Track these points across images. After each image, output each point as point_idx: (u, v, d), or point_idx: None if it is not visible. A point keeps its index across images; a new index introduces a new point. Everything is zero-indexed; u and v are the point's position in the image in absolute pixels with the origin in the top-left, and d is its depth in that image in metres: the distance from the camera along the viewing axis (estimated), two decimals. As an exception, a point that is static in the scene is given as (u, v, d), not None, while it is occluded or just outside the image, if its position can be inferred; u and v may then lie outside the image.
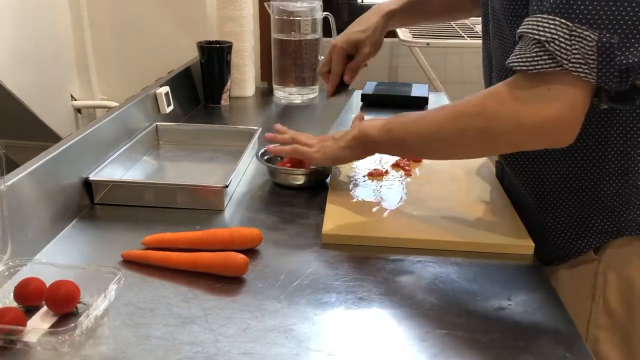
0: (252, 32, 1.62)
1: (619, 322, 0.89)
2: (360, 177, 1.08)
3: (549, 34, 0.70)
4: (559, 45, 0.70)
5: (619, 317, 0.89)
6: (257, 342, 0.67)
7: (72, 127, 1.68)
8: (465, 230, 0.90)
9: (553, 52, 0.70)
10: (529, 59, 0.73)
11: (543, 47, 0.71)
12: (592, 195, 0.87)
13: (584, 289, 0.90)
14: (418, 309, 0.74)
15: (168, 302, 0.74)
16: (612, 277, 0.88)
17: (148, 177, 1.13)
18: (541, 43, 0.71)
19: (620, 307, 0.88)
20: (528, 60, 0.73)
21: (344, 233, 0.89)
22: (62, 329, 0.65)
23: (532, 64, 0.72)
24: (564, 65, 0.70)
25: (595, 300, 0.89)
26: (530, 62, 0.72)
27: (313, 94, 1.64)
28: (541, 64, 0.72)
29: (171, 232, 0.86)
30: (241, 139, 1.21)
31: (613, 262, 0.88)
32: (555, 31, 0.70)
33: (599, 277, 0.89)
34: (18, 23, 1.44)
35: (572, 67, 0.70)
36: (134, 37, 1.69)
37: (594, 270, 0.89)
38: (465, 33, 2.07)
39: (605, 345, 0.90)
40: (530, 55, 0.72)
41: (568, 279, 0.92)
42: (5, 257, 0.76)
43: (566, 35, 0.69)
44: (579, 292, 0.90)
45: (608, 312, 0.89)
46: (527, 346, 0.67)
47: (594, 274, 0.89)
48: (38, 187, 0.87)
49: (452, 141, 0.83)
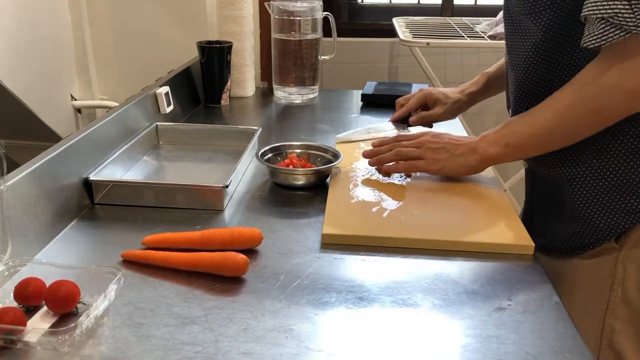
0: (252, 32, 1.62)
1: (637, 312, 0.90)
2: (360, 177, 1.08)
3: (610, 9, 0.77)
4: (622, 16, 0.77)
5: (637, 308, 0.89)
6: (257, 342, 0.67)
7: (72, 127, 1.68)
8: (465, 230, 0.90)
9: (619, 24, 0.77)
10: (598, 35, 0.80)
11: (607, 22, 0.78)
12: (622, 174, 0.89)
13: (604, 278, 0.91)
14: (418, 309, 0.74)
15: (168, 302, 0.74)
16: (632, 267, 0.89)
17: (148, 177, 1.13)
18: (605, 19, 0.78)
19: (639, 298, 0.89)
20: (597, 36, 0.80)
21: (344, 233, 0.89)
22: (62, 329, 0.65)
23: (602, 39, 0.79)
24: (632, 31, 0.77)
25: (614, 289, 0.90)
26: (601, 38, 0.79)
27: (313, 94, 1.64)
28: (611, 36, 0.78)
29: (171, 232, 0.86)
30: (241, 139, 1.21)
31: (633, 252, 0.89)
32: (615, 5, 0.77)
33: (619, 266, 0.89)
34: (18, 23, 1.44)
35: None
36: (134, 37, 1.69)
37: (615, 259, 0.90)
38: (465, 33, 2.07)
39: (621, 335, 0.90)
40: (598, 32, 0.79)
41: (588, 268, 0.93)
42: (5, 257, 0.76)
43: (626, 6, 0.76)
44: (598, 281, 0.91)
45: (626, 302, 0.90)
46: (527, 346, 0.67)
47: (614, 263, 0.90)
48: (38, 187, 0.86)
49: (568, 132, 0.89)
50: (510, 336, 0.69)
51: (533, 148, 0.94)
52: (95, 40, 1.70)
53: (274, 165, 1.09)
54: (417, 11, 2.48)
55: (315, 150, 1.15)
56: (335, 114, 1.53)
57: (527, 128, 0.92)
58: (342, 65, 2.29)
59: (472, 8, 2.59)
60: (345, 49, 2.26)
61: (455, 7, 2.52)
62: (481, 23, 2.19)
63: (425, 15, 2.37)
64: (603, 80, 0.82)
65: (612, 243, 0.90)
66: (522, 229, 0.90)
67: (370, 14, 2.62)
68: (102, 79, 1.74)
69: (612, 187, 0.89)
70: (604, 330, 0.91)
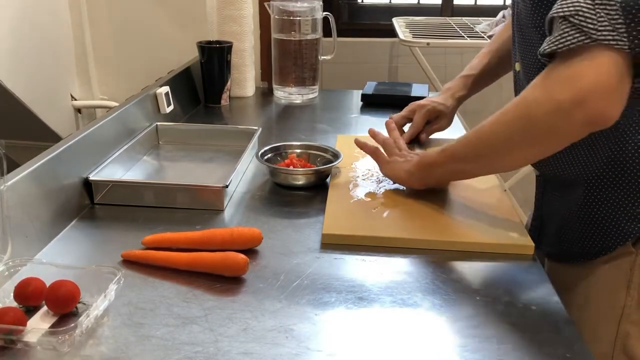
0: (252, 32, 1.62)
1: None
2: (360, 177, 1.08)
3: (572, 7, 0.70)
4: (583, 16, 0.70)
5: None
6: (257, 342, 0.67)
7: (72, 127, 1.68)
8: (465, 230, 0.90)
9: (579, 25, 0.70)
10: (557, 38, 0.72)
11: (569, 22, 0.71)
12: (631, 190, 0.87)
13: (620, 282, 0.90)
14: (418, 309, 0.74)
15: (168, 302, 0.74)
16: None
17: (148, 177, 1.13)
18: (566, 19, 0.71)
19: None
20: (556, 39, 0.72)
21: (344, 233, 0.89)
22: (62, 329, 0.65)
23: (560, 42, 0.72)
24: (591, 35, 0.69)
25: (630, 293, 0.89)
26: (559, 40, 0.72)
27: (313, 94, 1.64)
28: (569, 39, 0.71)
29: (171, 232, 0.86)
30: (241, 139, 1.21)
31: None
32: (578, 3, 0.70)
33: (636, 270, 0.88)
34: (18, 23, 1.44)
35: (601, 36, 0.69)
36: (134, 37, 1.69)
37: (631, 263, 0.89)
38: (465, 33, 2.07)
39: (635, 340, 0.89)
40: (557, 34, 0.72)
41: (604, 272, 0.91)
42: (5, 257, 0.76)
43: (589, 4, 0.69)
44: (614, 285, 0.90)
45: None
46: (527, 346, 0.67)
47: (631, 267, 0.89)
48: (38, 187, 0.87)
49: (501, 146, 0.83)
50: (510, 336, 0.69)
51: (466, 156, 0.89)
52: (95, 41, 1.70)
53: (274, 165, 1.09)
54: (417, 11, 2.48)
55: (315, 150, 1.15)
56: (335, 114, 1.53)
57: (466, 135, 0.89)
58: (342, 65, 2.29)
59: (472, 8, 2.59)
60: (345, 49, 2.26)
61: (455, 7, 2.52)
62: (481, 23, 2.19)
63: (425, 15, 2.37)
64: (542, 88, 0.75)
65: (629, 247, 0.89)
66: (522, 229, 0.90)
67: (370, 14, 2.62)
68: (102, 79, 1.74)
69: (629, 192, 0.88)
70: (618, 334, 0.90)
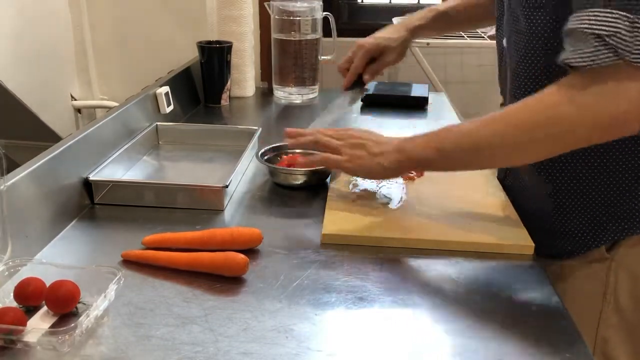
0: (252, 32, 1.62)
1: (629, 321, 0.89)
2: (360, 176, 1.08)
3: (611, 27, 0.69)
4: (621, 39, 0.69)
5: (629, 316, 0.89)
6: (257, 342, 0.67)
7: (72, 127, 1.68)
8: (465, 230, 0.90)
9: (615, 46, 0.69)
10: (587, 54, 0.71)
11: (603, 41, 0.70)
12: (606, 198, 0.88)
13: (596, 287, 0.90)
14: (418, 309, 0.74)
15: (168, 302, 0.74)
16: (624, 276, 0.89)
17: (148, 177, 1.13)
18: (601, 37, 0.70)
19: (631, 306, 0.89)
20: (587, 54, 0.71)
21: (344, 233, 0.89)
22: (62, 329, 0.65)
23: (591, 59, 0.71)
24: (626, 57, 0.69)
25: (606, 298, 0.90)
26: (590, 57, 0.71)
27: (313, 94, 1.64)
28: (601, 57, 0.70)
29: (171, 232, 0.86)
30: (241, 139, 1.21)
31: (625, 260, 0.89)
32: (616, 24, 0.69)
33: (611, 275, 0.89)
34: (18, 23, 1.44)
35: (635, 59, 0.69)
36: (134, 37, 1.69)
37: (606, 268, 0.89)
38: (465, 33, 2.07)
39: (614, 344, 0.90)
40: (589, 50, 0.71)
41: (580, 278, 0.92)
42: (5, 257, 0.76)
43: (628, 27, 0.68)
44: (590, 290, 0.91)
45: (618, 310, 0.89)
46: (527, 346, 0.67)
47: (606, 272, 0.89)
48: (38, 187, 0.86)
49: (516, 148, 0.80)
50: (510, 336, 0.69)
51: (464, 161, 0.86)
52: (95, 41, 1.70)
53: (274, 165, 1.09)
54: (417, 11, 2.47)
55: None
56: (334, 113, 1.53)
57: (466, 139, 0.83)
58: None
59: (472, 8, 2.59)
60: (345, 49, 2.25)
61: (455, 7, 2.52)
62: (481, 23, 2.19)
63: (425, 15, 2.37)
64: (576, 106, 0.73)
65: (603, 253, 0.90)
66: (522, 229, 0.90)
67: (370, 14, 2.62)
68: (102, 79, 1.74)
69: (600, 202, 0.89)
70: (597, 338, 0.90)
